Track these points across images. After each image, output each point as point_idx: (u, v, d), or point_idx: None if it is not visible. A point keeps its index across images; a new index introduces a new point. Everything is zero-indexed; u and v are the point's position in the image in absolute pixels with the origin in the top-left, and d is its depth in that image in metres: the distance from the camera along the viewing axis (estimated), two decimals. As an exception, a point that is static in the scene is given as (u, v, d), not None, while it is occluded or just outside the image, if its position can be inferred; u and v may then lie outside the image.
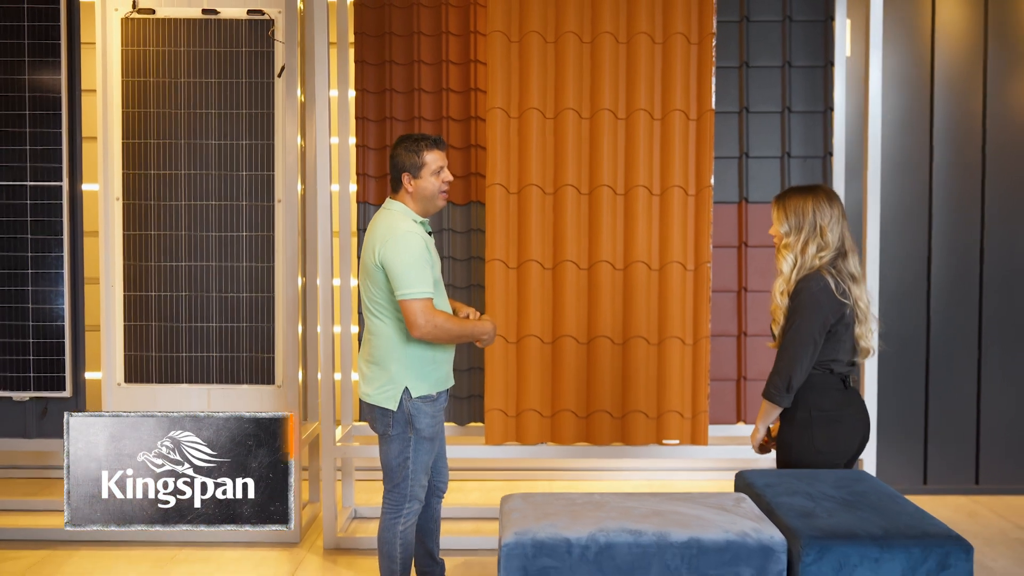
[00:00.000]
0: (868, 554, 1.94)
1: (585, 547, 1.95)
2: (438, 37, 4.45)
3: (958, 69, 4.98)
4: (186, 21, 4.55)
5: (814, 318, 2.77)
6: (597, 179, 4.09)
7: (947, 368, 5.01)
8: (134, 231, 4.59)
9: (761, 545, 1.96)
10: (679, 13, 4.07)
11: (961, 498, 4.99)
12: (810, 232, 2.85)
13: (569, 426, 4.15)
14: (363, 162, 4.50)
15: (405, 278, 3.08)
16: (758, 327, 4.46)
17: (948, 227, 4.99)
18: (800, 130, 4.51)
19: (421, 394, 3.18)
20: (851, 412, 2.84)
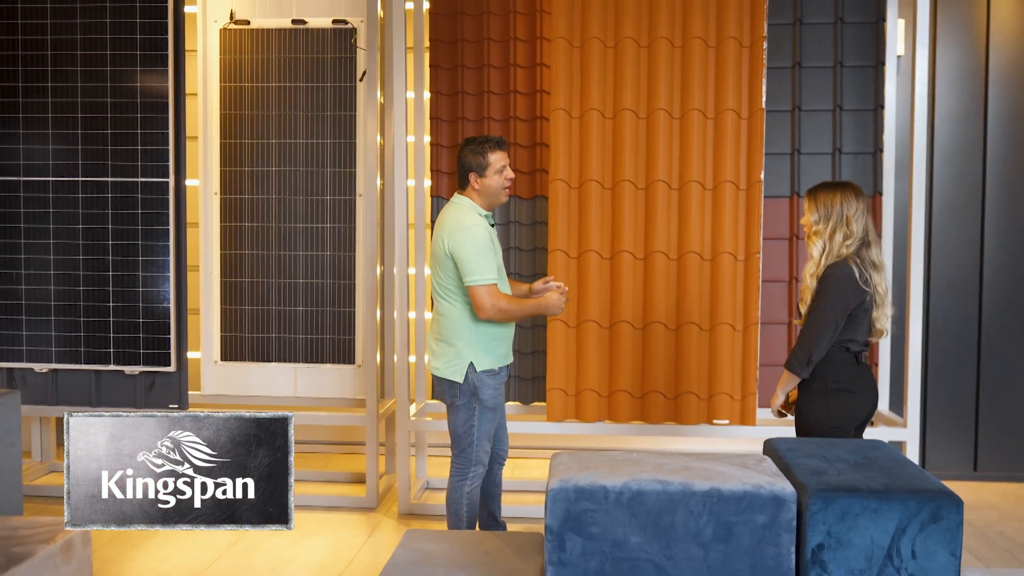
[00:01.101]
0: (868, 505, 2.21)
1: (620, 493, 2.27)
2: (506, 43, 4.78)
3: (1013, 65, 5.09)
4: (277, 31, 4.98)
5: (838, 303, 3.04)
6: (653, 175, 4.38)
7: (999, 357, 5.14)
8: (230, 223, 5.05)
9: (774, 495, 2.24)
10: (732, 18, 4.32)
11: (1011, 485, 5.12)
12: (837, 221, 3.11)
13: (625, 405, 4.45)
14: (437, 159, 4.86)
15: (472, 266, 3.43)
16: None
17: (1001, 220, 5.12)
18: (851, 127, 4.70)
19: (485, 368, 3.53)
20: (862, 384, 3.13)
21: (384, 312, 5.05)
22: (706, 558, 2.25)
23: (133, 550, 4.00)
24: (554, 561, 2.28)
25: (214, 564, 3.88)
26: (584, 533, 2.26)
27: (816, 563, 2.22)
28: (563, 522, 2.27)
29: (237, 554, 3.98)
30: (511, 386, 4.88)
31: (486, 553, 2.81)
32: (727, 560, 2.24)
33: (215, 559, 3.93)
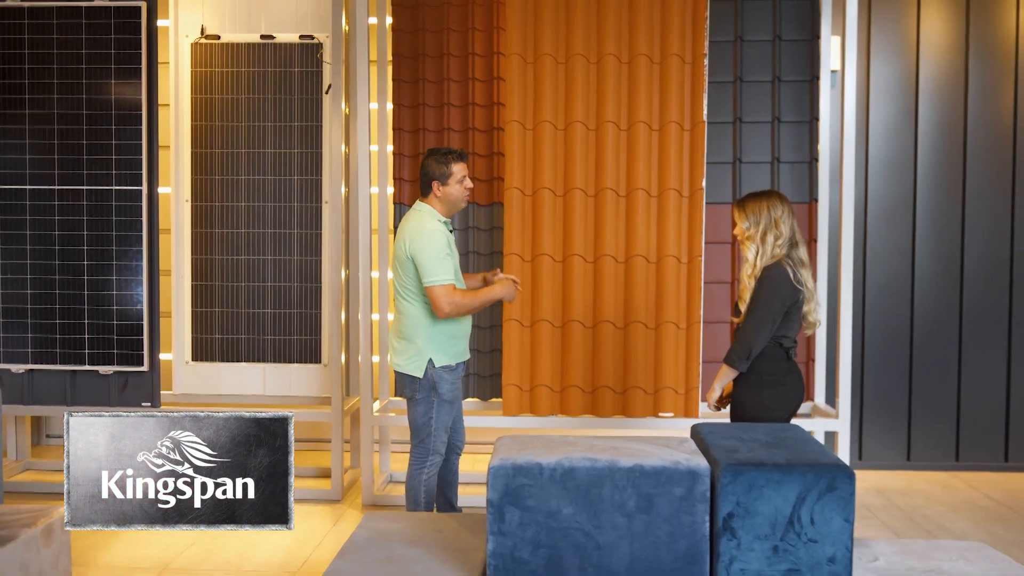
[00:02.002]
0: (772, 477, 2.48)
1: (553, 469, 2.53)
2: (465, 58, 5.04)
3: (942, 79, 5.44)
4: (247, 45, 5.21)
5: (775, 301, 3.33)
6: (602, 183, 4.66)
7: (929, 354, 5.48)
8: (201, 229, 5.27)
9: (690, 470, 2.51)
10: (675, 36, 4.62)
11: (942, 473, 5.45)
12: (767, 225, 3.40)
13: (576, 400, 4.72)
14: (399, 167, 5.11)
15: (431, 268, 3.69)
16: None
17: (931, 225, 5.46)
18: (788, 138, 5.01)
19: (443, 364, 3.78)
20: (793, 378, 3.41)
21: (349, 314, 5.29)
22: (630, 526, 2.52)
23: (111, 537, 4.21)
24: (495, 531, 2.54)
25: (187, 550, 4.10)
26: (521, 506, 2.53)
27: (727, 530, 2.49)
28: (502, 496, 2.53)
29: (208, 540, 4.20)
30: (471, 383, 5.13)
31: (439, 531, 3.06)
32: (648, 528, 2.52)
33: (189, 545, 4.14)
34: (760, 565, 2.50)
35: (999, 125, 5.44)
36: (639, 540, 2.52)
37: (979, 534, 4.37)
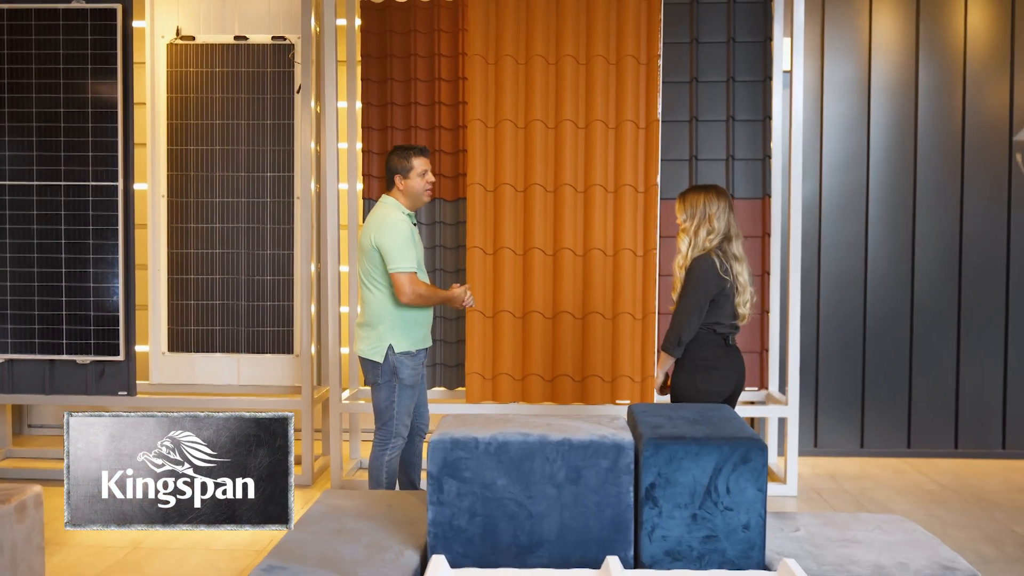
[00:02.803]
0: (690, 450, 2.67)
1: (488, 443, 2.71)
2: (431, 58, 5.22)
3: (893, 79, 5.64)
4: (221, 46, 5.39)
5: (700, 290, 3.52)
6: (561, 179, 4.84)
7: (882, 344, 5.68)
8: (177, 224, 5.44)
9: (615, 443, 2.70)
10: (630, 39, 4.81)
11: (894, 460, 5.65)
12: (701, 219, 3.59)
13: (537, 388, 4.91)
14: (368, 164, 5.29)
15: (395, 255, 3.88)
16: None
17: (884, 218, 5.66)
18: (743, 136, 5.20)
19: (403, 350, 3.97)
20: (727, 363, 3.60)
21: (320, 306, 5.47)
22: (560, 496, 2.70)
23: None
24: (434, 501, 2.72)
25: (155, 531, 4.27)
26: (459, 477, 2.71)
27: (649, 499, 2.68)
28: (441, 468, 2.71)
29: (179, 523, 4.38)
30: (438, 372, 5.32)
31: (389, 506, 3.24)
32: (577, 498, 2.70)
33: (159, 528, 4.32)
34: (680, 532, 2.68)
35: (949, 123, 5.64)
36: (568, 509, 2.71)
37: (920, 515, 4.57)
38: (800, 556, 2.79)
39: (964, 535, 4.27)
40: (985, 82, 5.63)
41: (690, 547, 2.68)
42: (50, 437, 6.01)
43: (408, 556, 2.78)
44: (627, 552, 2.71)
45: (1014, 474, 5.34)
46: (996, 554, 4.03)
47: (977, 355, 5.67)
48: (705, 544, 2.68)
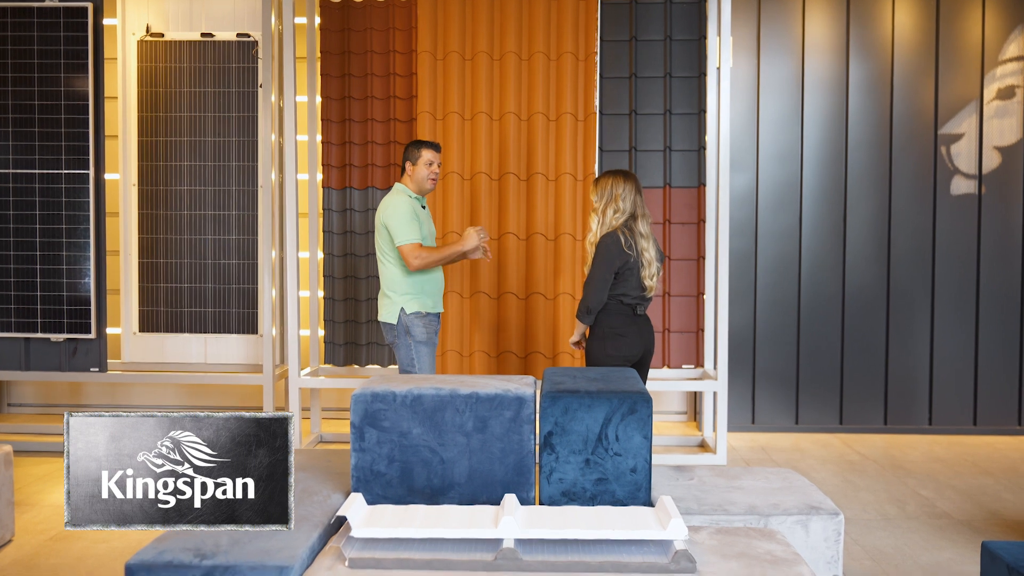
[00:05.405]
0: (583, 402, 3.00)
1: (404, 396, 3.04)
2: (386, 55, 5.54)
3: (825, 76, 5.98)
4: (188, 42, 5.70)
5: (606, 263, 3.86)
6: (504, 168, 5.17)
7: (816, 325, 6.02)
8: (147, 211, 5.75)
9: (517, 396, 3.03)
10: (568, 36, 5.13)
11: (826, 435, 5.98)
12: (608, 199, 3.92)
13: (483, 364, 5.23)
14: (327, 155, 5.60)
15: (398, 230, 4.27)
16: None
17: (817, 207, 6.00)
18: (679, 128, 5.53)
19: (413, 311, 4.34)
20: (633, 331, 3.94)
21: (283, 289, 5.78)
22: (468, 444, 3.02)
23: (56, 480, 4.69)
24: (356, 449, 3.04)
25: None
26: (378, 427, 3.03)
27: (547, 446, 3.01)
28: (362, 419, 3.03)
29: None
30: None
31: (328, 460, 3.56)
32: (484, 445, 3.03)
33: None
34: (575, 475, 3.01)
35: (878, 118, 5.98)
36: (476, 455, 3.03)
37: (836, 481, 4.90)
38: (686, 499, 3.12)
39: (872, 497, 4.60)
40: (912, 79, 5.97)
41: (584, 488, 3.01)
42: (29, 415, 6.31)
43: (334, 498, 3.10)
44: (529, 493, 3.03)
45: (935, 447, 5.68)
46: (896, 512, 4.36)
47: (905, 336, 6.01)
48: (597, 486, 3.01)
